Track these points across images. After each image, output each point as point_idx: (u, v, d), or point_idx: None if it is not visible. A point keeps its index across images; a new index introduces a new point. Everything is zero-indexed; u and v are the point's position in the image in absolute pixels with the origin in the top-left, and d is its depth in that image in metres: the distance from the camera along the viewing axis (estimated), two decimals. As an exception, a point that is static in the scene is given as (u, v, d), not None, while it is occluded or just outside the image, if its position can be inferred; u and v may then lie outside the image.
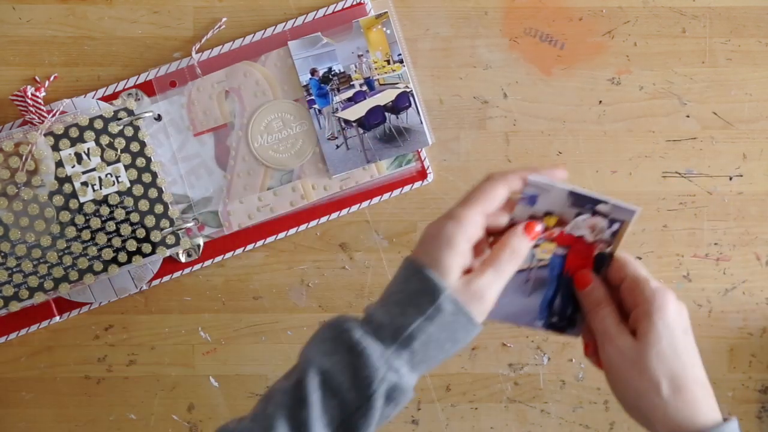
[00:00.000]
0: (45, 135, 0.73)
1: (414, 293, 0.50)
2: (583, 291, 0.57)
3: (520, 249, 0.53)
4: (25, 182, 0.73)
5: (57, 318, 0.76)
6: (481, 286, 0.51)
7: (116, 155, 0.74)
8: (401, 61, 0.75)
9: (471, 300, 0.51)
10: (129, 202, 0.74)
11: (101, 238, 0.73)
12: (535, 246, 0.56)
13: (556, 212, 0.55)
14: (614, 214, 0.54)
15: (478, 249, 0.54)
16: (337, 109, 0.75)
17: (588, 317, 0.57)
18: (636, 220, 0.54)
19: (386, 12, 0.75)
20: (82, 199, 0.73)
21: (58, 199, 0.73)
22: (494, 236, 0.55)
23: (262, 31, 0.76)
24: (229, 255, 0.76)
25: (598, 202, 0.54)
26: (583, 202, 0.54)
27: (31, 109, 0.72)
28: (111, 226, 0.74)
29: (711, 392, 0.54)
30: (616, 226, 0.55)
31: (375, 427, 0.50)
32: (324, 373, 0.50)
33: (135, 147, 0.74)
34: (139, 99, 0.75)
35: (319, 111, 0.75)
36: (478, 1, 0.76)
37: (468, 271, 0.52)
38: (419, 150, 0.76)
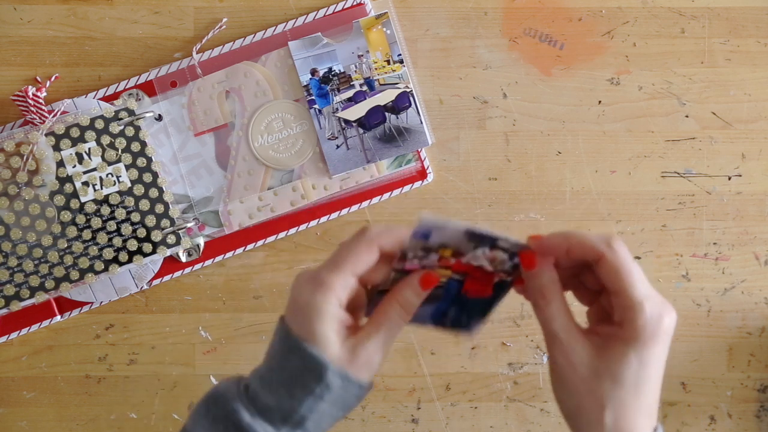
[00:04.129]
0: (46, 135, 0.73)
1: (297, 371, 0.48)
2: (529, 273, 0.49)
3: (412, 302, 0.50)
4: (27, 182, 0.73)
5: (58, 317, 0.76)
6: (368, 352, 0.48)
7: (117, 155, 0.74)
8: (401, 61, 0.75)
9: (358, 368, 0.48)
10: (130, 201, 0.74)
11: (102, 238, 0.74)
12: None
13: (452, 245, 0.50)
14: (515, 250, 0.50)
15: (354, 303, 0.50)
16: (337, 109, 0.75)
17: (534, 307, 0.50)
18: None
19: (386, 12, 0.75)
20: (83, 199, 0.73)
21: (59, 199, 0.73)
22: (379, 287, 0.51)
23: (263, 32, 0.76)
24: (229, 254, 0.76)
25: (496, 239, 0.49)
26: (481, 239, 0.50)
27: (32, 109, 0.73)
28: (112, 225, 0.74)
29: (655, 416, 0.47)
30: (517, 259, 0.50)
31: None
32: None
33: (136, 147, 0.74)
34: (139, 99, 0.75)
35: (320, 111, 0.75)
36: (478, 1, 0.77)
37: (349, 329, 0.49)
38: (419, 150, 0.76)
